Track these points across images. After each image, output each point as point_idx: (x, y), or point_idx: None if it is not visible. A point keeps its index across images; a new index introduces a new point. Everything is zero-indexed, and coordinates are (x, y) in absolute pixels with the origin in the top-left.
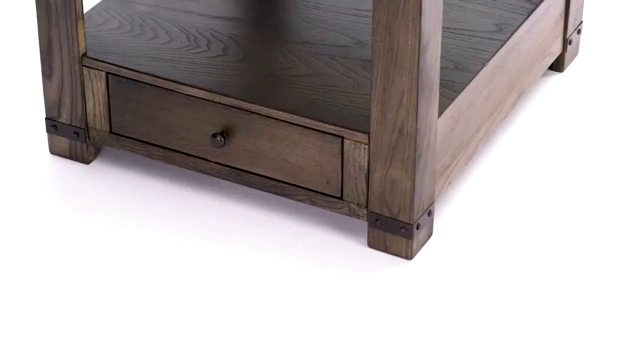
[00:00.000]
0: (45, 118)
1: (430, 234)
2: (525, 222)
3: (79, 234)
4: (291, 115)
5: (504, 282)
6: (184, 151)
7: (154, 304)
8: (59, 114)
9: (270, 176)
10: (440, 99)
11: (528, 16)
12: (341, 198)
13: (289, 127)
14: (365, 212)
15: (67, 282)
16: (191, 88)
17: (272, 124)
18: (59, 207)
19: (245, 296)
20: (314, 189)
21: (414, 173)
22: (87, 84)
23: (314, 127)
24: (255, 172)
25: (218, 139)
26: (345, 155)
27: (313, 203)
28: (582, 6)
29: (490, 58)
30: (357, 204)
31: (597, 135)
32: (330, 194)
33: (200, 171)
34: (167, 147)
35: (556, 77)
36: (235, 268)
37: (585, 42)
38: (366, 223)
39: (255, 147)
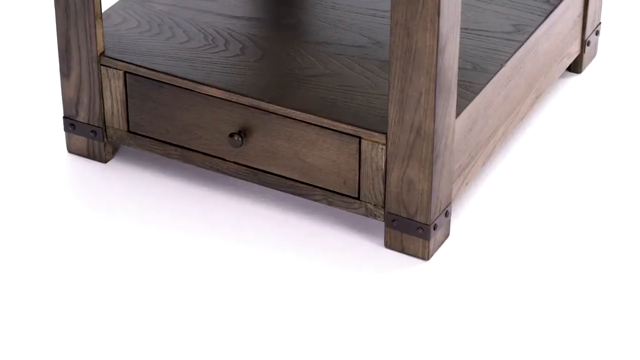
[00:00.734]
0: (63, 117)
1: (447, 235)
2: (542, 224)
3: (95, 232)
4: (309, 115)
5: (521, 283)
6: (201, 150)
7: (170, 303)
8: (77, 112)
9: (288, 176)
10: (458, 99)
11: (546, 17)
12: (358, 198)
13: (306, 127)
14: (382, 213)
15: (84, 280)
16: (209, 87)
17: (290, 124)
18: (76, 206)
19: (262, 296)
20: (331, 189)
21: (431, 174)
22: (105, 83)
23: (332, 127)
24: (273, 172)
25: (235, 138)
26: (363, 156)
27: (330, 203)
28: (600, 7)
29: (508, 59)
30: (374, 204)
31: (615, 137)
32: (347, 194)
33: (218, 171)
34: (185, 146)
35: (574, 78)
36: (252, 268)
37: (604, 43)
38: (383, 223)
39: (272, 147)
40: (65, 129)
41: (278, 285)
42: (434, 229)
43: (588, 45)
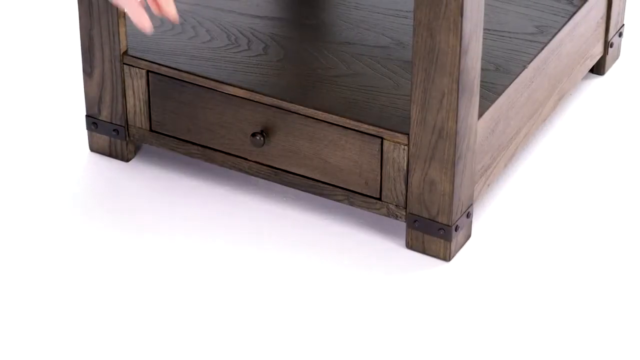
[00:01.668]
0: (86, 115)
1: (468, 236)
2: (565, 225)
3: (116, 231)
4: (331, 115)
5: (542, 285)
6: (223, 150)
7: (190, 302)
8: (99, 111)
9: (309, 176)
10: (480, 100)
11: (569, 19)
12: (380, 199)
13: (328, 127)
14: (404, 213)
15: (105, 277)
16: (231, 87)
17: (312, 124)
18: (97, 205)
19: (282, 295)
20: (352, 189)
21: (453, 175)
22: (127, 81)
23: (354, 128)
24: (294, 171)
25: (258, 138)
26: (385, 156)
27: (351, 203)
28: (623, 9)
29: (531, 60)
30: (396, 205)
31: (638, 139)
32: (369, 194)
33: (239, 170)
34: (207, 145)
35: (597, 80)
36: (273, 268)
37: (627, 45)
38: (404, 224)
39: (294, 147)
40: (88, 128)
41: (299, 285)
42: (456, 230)
43: (611, 46)
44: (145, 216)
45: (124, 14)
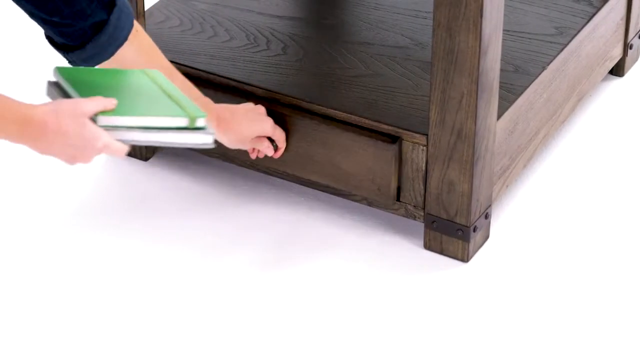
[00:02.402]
0: None
1: (486, 237)
2: (583, 226)
3: (135, 229)
4: (349, 115)
5: (560, 286)
6: (242, 149)
7: (208, 301)
8: None
9: (323, 182)
10: (499, 101)
11: (589, 20)
12: (398, 199)
13: (341, 132)
14: (422, 214)
15: (124, 276)
16: (250, 87)
17: (325, 130)
18: (116, 203)
19: (301, 295)
20: (366, 195)
21: (471, 175)
22: None
23: (373, 128)
24: (308, 176)
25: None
26: (403, 157)
27: (370, 204)
28: None
29: (551, 61)
30: (414, 206)
31: None
32: (387, 194)
33: (258, 170)
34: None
35: (616, 81)
36: (292, 267)
37: None
38: (422, 224)
39: (309, 151)
40: None
41: (317, 285)
42: (474, 230)
43: (630, 48)
44: (163, 215)
45: (144, 12)
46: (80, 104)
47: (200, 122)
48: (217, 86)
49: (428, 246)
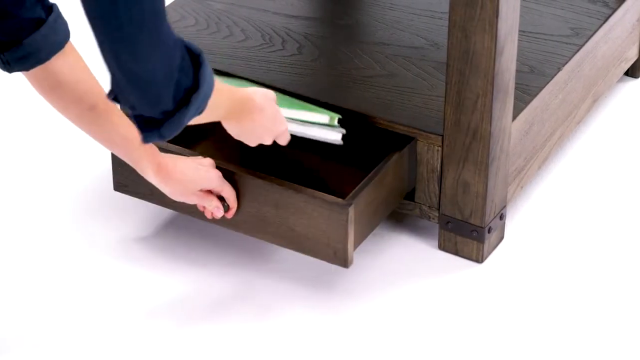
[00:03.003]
0: None
1: (501, 238)
2: (597, 228)
3: (154, 231)
4: (365, 115)
5: (575, 287)
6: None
7: (214, 310)
8: None
9: (279, 240)
10: (514, 102)
11: (605, 21)
12: (413, 200)
13: (298, 190)
14: (437, 215)
15: (141, 279)
16: (265, 86)
17: (281, 185)
18: (134, 205)
19: (316, 295)
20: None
21: (486, 176)
22: None
23: (388, 129)
24: (262, 237)
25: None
26: (418, 157)
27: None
28: None
29: (566, 62)
30: (429, 206)
31: None
32: (336, 262)
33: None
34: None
35: (631, 83)
36: (308, 266)
37: None
38: (437, 225)
39: (262, 211)
40: None
41: (332, 286)
42: (489, 231)
43: None
44: (182, 218)
45: None
46: (269, 91)
47: (336, 121)
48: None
49: (442, 247)
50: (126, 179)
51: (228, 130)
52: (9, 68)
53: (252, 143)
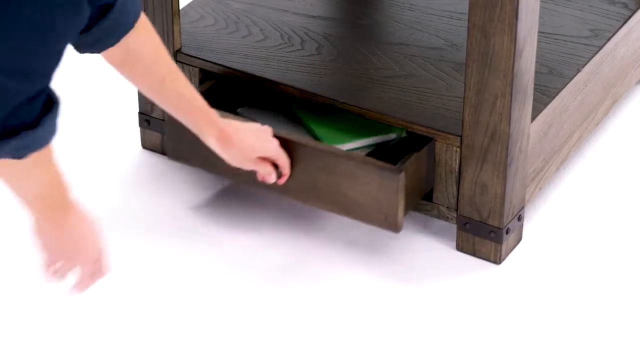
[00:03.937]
0: (139, 113)
1: (519, 239)
2: (616, 230)
3: (167, 227)
4: (383, 115)
5: (593, 289)
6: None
7: (234, 301)
8: (152, 109)
9: (329, 207)
10: (533, 103)
11: (624, 23)
12: (431, 200)
13: (349, 157)
14: (455, 215)
15: (156, 272)
16: (284, 86)
17: (333, 153)
18: (148, 201)
19: (331, 295)
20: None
21: (505, 177)
22: None
23: (407, 129)
24: (312, 203)
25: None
26: (437, 158)
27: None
28: None
29: (585, 64)
30: (447, 207)
31: None
32: (387, 227)
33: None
34: None
35: None
36: (322, 266)
37: None
38: (455, 226)
39: (314, 178)
40: (140, 125)
41: (348, 286)
42: (507, 232)
43: None
44: (194, 212)
45: (178, 11)
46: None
47: (404, 133)
48: (251, 85)
49: (460, 248)
50: (180, 147)
51: (37, 237)
52: (80, 50)
53: (57, 259)
